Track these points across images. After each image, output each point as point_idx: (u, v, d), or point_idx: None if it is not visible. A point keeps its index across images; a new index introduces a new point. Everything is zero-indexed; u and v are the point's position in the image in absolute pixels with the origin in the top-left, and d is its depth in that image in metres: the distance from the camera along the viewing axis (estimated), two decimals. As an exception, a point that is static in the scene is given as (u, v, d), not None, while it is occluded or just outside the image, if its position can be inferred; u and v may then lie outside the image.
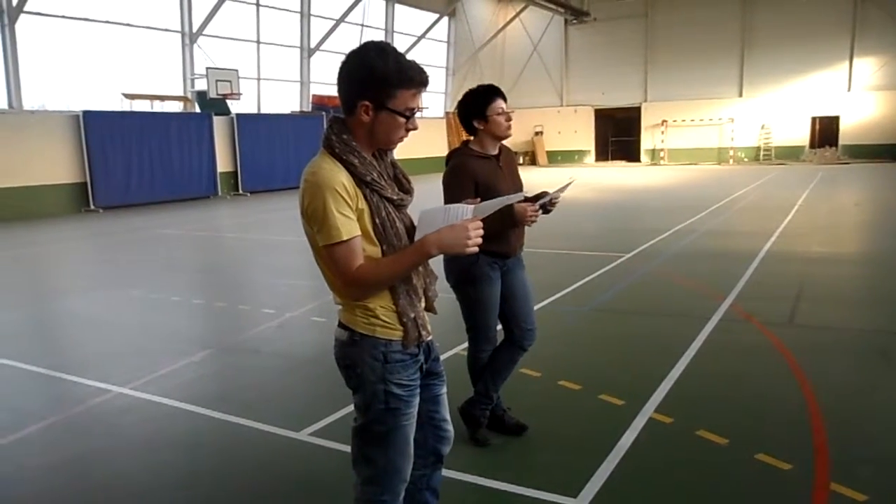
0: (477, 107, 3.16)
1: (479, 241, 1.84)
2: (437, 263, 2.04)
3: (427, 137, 26.59)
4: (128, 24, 17.61)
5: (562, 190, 3.08)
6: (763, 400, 3.88)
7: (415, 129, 1.95)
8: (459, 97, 3.29)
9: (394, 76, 1.83)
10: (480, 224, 1.86)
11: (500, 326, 3.37)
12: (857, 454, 3.18)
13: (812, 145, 28.60)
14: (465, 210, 1.88)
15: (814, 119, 28.45)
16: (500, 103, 3.16)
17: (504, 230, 3.10)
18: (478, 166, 3.14)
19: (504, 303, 3.30)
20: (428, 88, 1.94)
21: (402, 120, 1.89)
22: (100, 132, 16.10)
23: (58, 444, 3.59)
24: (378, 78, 1.83)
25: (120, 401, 4.13)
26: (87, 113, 15.91)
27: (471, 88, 3.26)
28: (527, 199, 3.09)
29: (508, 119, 3.19)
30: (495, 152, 3.23)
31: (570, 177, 3.54)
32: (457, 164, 3.17)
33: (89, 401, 4.13)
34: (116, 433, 3.69)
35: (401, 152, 2.06)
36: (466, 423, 3.38)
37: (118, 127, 16.55)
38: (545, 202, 3.10)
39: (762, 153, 29.18)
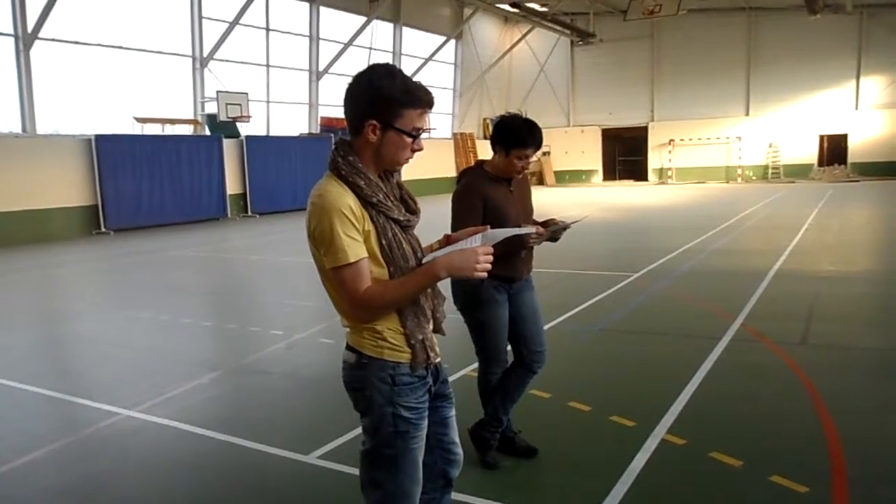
0: (506, 140, 3.09)
1: (488, 266, 1.85)
2: (444, 286, 2.04)
3: (434, 158, 26.69)
4: (140, 50, 17.88)
5: (574, 222, 3.08)
6: (777, 421, 3.82)
7: (420, 150, 1.97)
8: (504, 114, 3.17)
9: (401, 96, 1.85)
10: (491, 250, 1.87)
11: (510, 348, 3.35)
12: (876, 475, 3.13)
13: (820, 163, 28.53)
14: (474, 238, 1.92)
15: (822, 137, 28.41)
16: (528, 152, 3.08)
17: (509, 251, 3.07)
18: (488, 188, 3.12)
19: (512, 325, 3.28)
20: (435, 110, 1.96)
21: (409, 140, 1.90)
22: (111, 155, 16.26)
23: (67, 467, 3.58)
24: (385, 97, 1.85)
25: (128, 423, 4.12)
26: (99, 137, 16.08)
27: (518, 117, 3.14)
28: (536, 223, 3.09)
29: (525, 167, 3.15)
30: (508, 176, 3.22)
31: (584, 215, 3.55)
32: (467, 183, 3.16)
33: (98, 423, 4.12)
34: (125, 456, 3.68)
35: (408, 173, 2.07)
36: (476, 445, 3.35)
37: (129, 150, 16.71)
38: (556, 229, 3.08)
39: (770, 171, 29.13)
